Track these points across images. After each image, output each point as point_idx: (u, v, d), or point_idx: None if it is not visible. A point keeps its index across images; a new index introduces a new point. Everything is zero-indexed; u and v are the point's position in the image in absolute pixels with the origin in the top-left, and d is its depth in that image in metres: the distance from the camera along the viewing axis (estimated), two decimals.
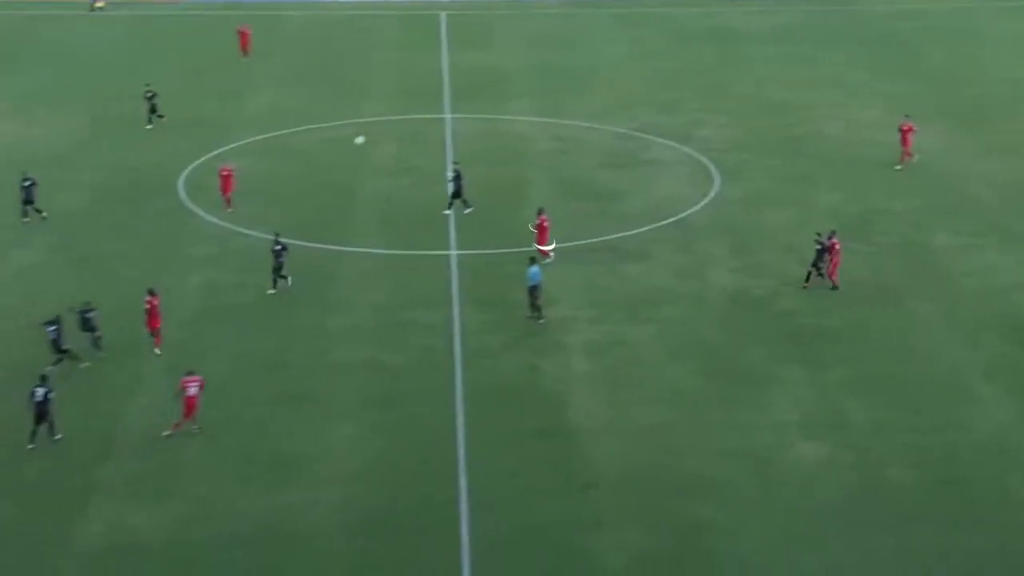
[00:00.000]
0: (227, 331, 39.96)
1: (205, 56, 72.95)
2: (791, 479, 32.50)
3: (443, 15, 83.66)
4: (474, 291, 42.80)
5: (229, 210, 48.92)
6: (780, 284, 43.33)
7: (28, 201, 48.18)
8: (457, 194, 48.94)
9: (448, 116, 62.21)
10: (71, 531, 30.11)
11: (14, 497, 31.44)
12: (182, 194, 51.46)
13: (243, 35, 72.09)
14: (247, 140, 58.17)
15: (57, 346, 37.31)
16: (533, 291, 40.38)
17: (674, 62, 72.55)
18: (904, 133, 54.38)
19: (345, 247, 46.27)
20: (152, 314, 38.26)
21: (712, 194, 51.85)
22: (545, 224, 44.69)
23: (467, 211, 48.68)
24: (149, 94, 60.21)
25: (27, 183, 48.28)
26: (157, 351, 38.18)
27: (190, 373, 34.28)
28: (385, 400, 35.99)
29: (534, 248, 43.99)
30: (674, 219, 49.06)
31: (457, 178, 49.08)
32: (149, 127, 59.36)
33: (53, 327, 37.32)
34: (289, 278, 42.34)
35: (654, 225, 48.39)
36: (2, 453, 33.28)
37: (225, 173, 49.77)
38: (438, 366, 37.91)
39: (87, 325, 38.10)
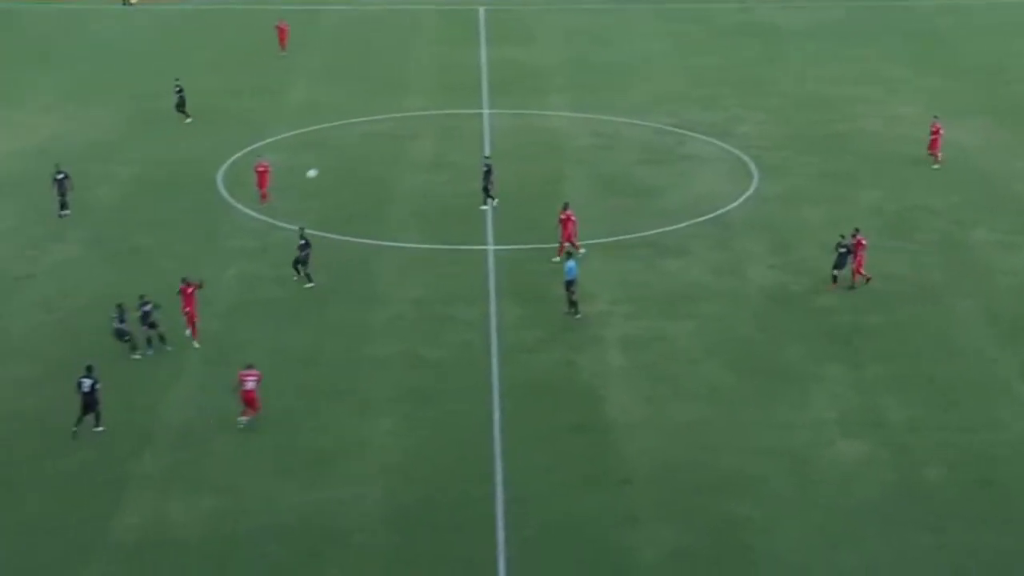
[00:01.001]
0: (264, 325, 40.17)
1: (243, 51, 73.36)
2: (829, 477, 32.39)
3: (481, 10, 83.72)
4: (511, 286, 42.87)
5: (264, 204, 49.16)
6: (819, 281, 43.16)
7: (61, 194, 48.51)
8: (486, 188, 49.00)
9: (486, 111, 62.30)
10: (108, 522, 30.35)
11: (53, 488, 31.71)
12: (220, 188, 51.78)
13: (281, 31, 72.39)
14: (285, 135, 58.45)
15: (121, 334, 37.76)
16: (569, 286, 40.43)
17: (714, 58, 72.36)
18: (934, 134, 53.98)
19: (382, 241, 46.44)
20: (187, 300, 38.48)
21: (751, 190, 51.71)
22: (572, 218, 44.59)
23: (492, 203, 48.76)
24: (178, 89, 60.53)
25: (60, 176, 48.65)
26: (196, 344, 38.43)
27: (249, 367, 34.45)
28: (422, 395, 36.10)
29: (565, 244, 43.91)
30: (712, 215, 48.96)
31: (488, 172, 49.14)
32: (189, 120, 59.73)
33: (119, 317, 37.95)
34: (311, 281, 42.34)
35: (692, 221, 48.31)
36: (42, 443, 33.60)
37: (261, 169, 50.06)
38: (475, 361, 37.99)
39: (145, 320, 38.30)
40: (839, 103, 63.60)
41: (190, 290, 38.61)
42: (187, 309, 38.68)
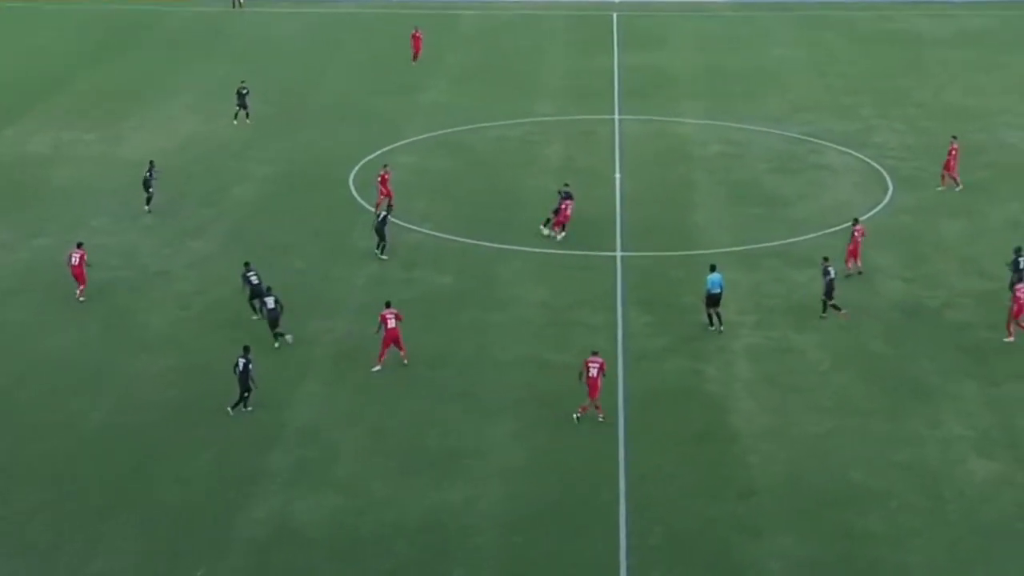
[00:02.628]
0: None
1: (380, 53, 74.42)
2: (960, 495, 31.79)
3: (615, 15, 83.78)
4: (639, 293, 42.83)
5: (378, 211, 49.05)
6: (953, 296, 42.40)
7: (147, 186, 49.65)
8: (557, 211, 47.38)
9: (617, 117, 62.31)
10: (235, 518, 31.01)
11: (185, 480, 32.53)
12: (352, 189, 52.59)
13: (416, 39, 72.51)
14: (418, 137, 59.15)
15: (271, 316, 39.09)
16: (714, 299, 39.79)
17: (852, 66, 71.45)
18: (951, 155, 52.06)
19: (510, 245, 46.73)
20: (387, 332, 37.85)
21: (885, 202, 50.95)
22: (568, 213, 45.99)
23: (559, 235, 46.99)
24: (244, 90, 61.26)
25: (148, 172, 50.00)
26: (405, 362, 38.15)
27: (595, 353, 35.17)
28: (547, 399, 36.25)
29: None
30: (845, 226, 48.28)
31: (567, 197, 47.53)
32: (235, 123, 60.62)
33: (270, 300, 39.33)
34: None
35: (823, 232, 47.76)
36: (177, 435, 34.51)
37: (384, 176, 50.25)
38: None
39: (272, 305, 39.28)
40: (980, 114, 62.34)
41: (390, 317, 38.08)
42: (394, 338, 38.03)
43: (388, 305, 38.03)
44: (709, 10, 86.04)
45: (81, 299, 42.24)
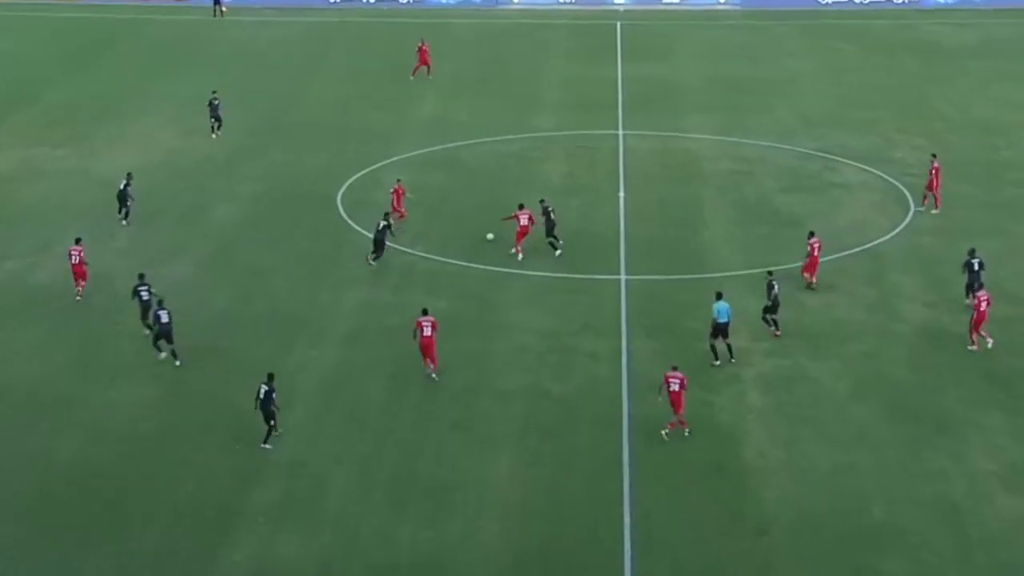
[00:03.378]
0: (382, 352, 40.68)
1: (369, 63, 74.66)
2: (988, 534, 31.76)
3: (618, 24, 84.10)
4: (644, 318, 42.89)
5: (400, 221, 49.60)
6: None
7: (123, 201, 50.33)
8: (550, 231, 47.88)
9: (621, 132, 62.49)
10: (215, 558, 30.92)
11: (162, 517, 32.45)
12: (340, 208, 52.69)
13: (423, 52, 71.91)
14: (411, 153, 59.32)
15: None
16: (722, 329, 39.70)
17: (868, 77, 71.77)
18: (933, 173, 51.99)
19: (508, 268, 46.80)
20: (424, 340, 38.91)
21: (906, 222, 51.09)
22: (526, 225, 46.99)
23: (557, 252, 47.61)
24: (215, 101, 61.68)
25: (125, 185, 50.63)
26: (434, 376, 38.93)
27: (674, 368, 35.81)
28: (548, 430, 36.29)
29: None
30: (863, 248, 48.45)
31: (546, 213, 47.99)
32: (214, 137, 61.12)
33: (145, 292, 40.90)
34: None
35: (840, 254, 47.86)
36: (154, 469, 34.45)
37: (398, 190, 50.66)
38: (604, 396, 38.09)
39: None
40: (1007, 128, 62.59)
41: (429, 325, 38.97)
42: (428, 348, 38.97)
43: (425, 312, 38.95)
44: (718, 18, 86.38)
45: (78, 298, 43.44)
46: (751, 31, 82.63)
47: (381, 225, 46.64)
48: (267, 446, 35.19)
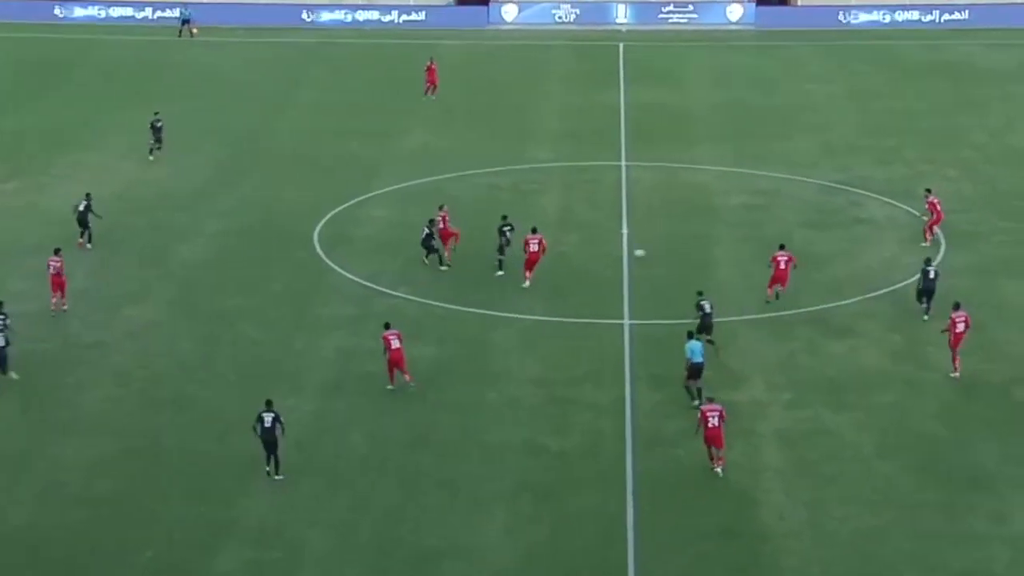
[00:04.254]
0: (364, 403, 40.65)
1: (350, 88, 74.94)
2: None
3: (621, 46, 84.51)
4: (650, 366, 42.88)
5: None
6: (1018, 369, 42.50)
7: (83, 224, 51.76)
8: (501, 249, 49.71)
9: (624, 163, 62.69)
10: None
11: None
12: (316, 246, 52.74)
13: (431, 72, 73.17)
14: (395, 186, 59.45)
15: None
16: (699, 370, 39.97)
17: (895, 103, 72.12)
18: (934, 208, 52.70)
19: (502, 312, 46.84)
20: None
21: (937, 261, 51.17)
22: (538, 258, 48.10)
23: (499, 272, 49.47)
24: (158, 123, 62.67)
25: (85, 206, 52.04)
26: (412, 385, 40.81)
27: (710, 400, 36.97)
28: (544, 490, 36.19)
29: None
30: (889, 289, 48.55)
31: (503, 231, 49.80)
32: (151, 159, 62.17)
33: None
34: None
35: (865, 296, 47.97)
36: (116, 533, 34.27)
37: (443, 216, 51.36)
38: (606, 452, 38.03)
39: None
40: None
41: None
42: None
43: (388, 326, 41.25)
44: (729, 38, 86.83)
45: (53, 312, 45.41)
46: (766, 52, 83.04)
47: (425, 232, 49.94)
48: (280, 477, 36.16)
